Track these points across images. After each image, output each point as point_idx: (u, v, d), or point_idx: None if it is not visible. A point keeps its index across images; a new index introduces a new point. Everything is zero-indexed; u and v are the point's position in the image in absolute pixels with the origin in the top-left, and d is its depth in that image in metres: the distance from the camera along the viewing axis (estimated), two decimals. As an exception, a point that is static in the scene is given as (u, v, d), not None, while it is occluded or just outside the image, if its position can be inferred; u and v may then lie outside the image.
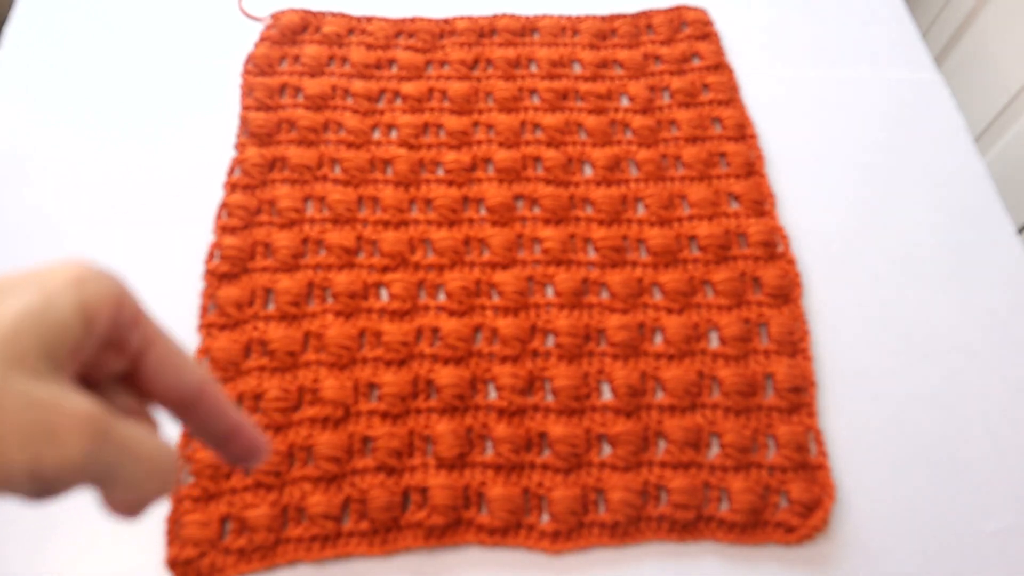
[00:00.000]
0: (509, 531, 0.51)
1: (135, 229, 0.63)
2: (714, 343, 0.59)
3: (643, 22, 0.79)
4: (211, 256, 0.61)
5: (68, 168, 0.66)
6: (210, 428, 0.28)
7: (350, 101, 0.71)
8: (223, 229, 0.62)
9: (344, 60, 0.74)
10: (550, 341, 0.58)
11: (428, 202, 0.65)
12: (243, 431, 0.29)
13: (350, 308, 0.59)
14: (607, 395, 0.57)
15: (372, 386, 0.56)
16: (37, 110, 0.70)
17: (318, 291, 0.60)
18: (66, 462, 0.21)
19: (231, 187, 0.64)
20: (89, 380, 0.25)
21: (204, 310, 0.58)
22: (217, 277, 0.60)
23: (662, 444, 0.55)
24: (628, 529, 0.51)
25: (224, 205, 0.63)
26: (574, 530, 0.51)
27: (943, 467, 0.55)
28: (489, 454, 0.54)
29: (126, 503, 0.24)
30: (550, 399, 0.56)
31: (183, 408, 0.27)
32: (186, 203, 0.64)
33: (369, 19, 0.77)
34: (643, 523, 0.52)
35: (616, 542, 0.51)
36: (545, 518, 0.52)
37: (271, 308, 0.59)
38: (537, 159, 0.68)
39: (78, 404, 0.22)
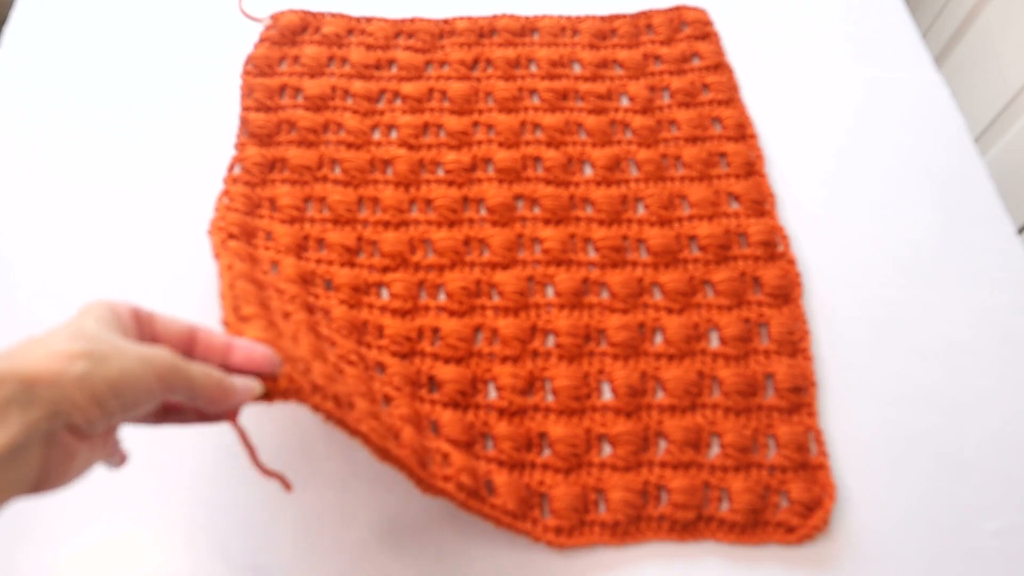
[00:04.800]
0: (517, 517, 0.51)
1: (135, 229, 0.63)
2: (714, 343, 0.59)
3: (643, 22, 0.79)
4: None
5: (68, 168, 0.66)
6: (211, 357, 0.37)
7: (350, 102, 0.71)
8: (227, 211, 0.62)
9: (344, 61, 0.74)
10: (550, 341, 0.58)
11: (428, 202, 0.65)
12: (237, 348, 0.38)
13: (352, 302, 0.59)
14: (607, 395, 0.57)
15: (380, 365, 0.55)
16: (37, 110, 0.70)
17: (320, 283, 0.59)
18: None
19: (232, 181, 0.64)
20: None
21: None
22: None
23: (662, 444, 0.55)
24: (628, 528, 0.51)
25: (225, 192, 0.63)
26: (576, 527, 0.51)
27: (943, 467, 0.55)
28: (491, 451, 0.53)
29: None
30: (550, 399, 0.56)
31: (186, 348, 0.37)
32: (186, 204, 0.64)
33: (369, 19, 0.77)
34: (643, 523, 0.52)
35: (617, 541, 0.51)
36: (547, 515, 0.52)
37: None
38: (537, 159, 0.68)
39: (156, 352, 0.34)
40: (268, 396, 0.39)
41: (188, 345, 0.37)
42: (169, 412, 0.39)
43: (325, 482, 0.53)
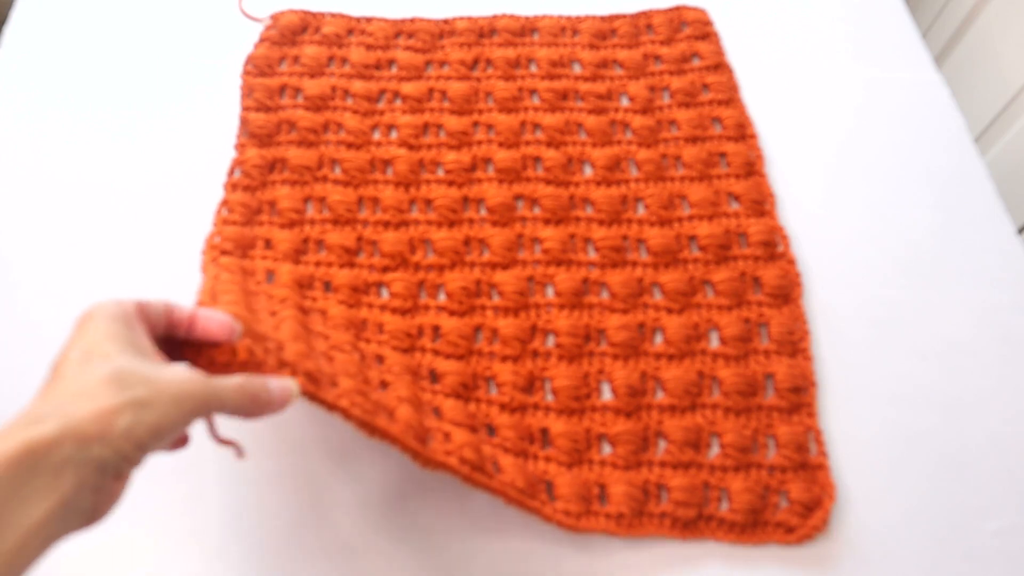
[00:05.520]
0: (526, 494, 0.50)
1: (135, 229, 0.63)
2: (714, 343, 0.59)
3: (643, 22, 0.79)
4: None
5: (68, 168, 0.66)
6: (178, 330, 0.39)
7: (350, 102, 0.71)
8: (224, 223, 0.62)
9: (344, 61, 0.74)
10: (550, 341, 0.58)
11: (428, 202, 0.65)
12: (198, 318, 0.39)
13: (351, 302, 0.59)
14: (607, 395, 0.57)
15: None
16: (37, 110, 0.70)
17: (319, 286, 0.59)
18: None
19: (231, 187, 0.64)
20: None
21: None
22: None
23: (662, 444, 0.55)
24: (632, 521, 0.51)
25: (224, 202, 0.63)
26: (583, 514, 0.51)
27: (943, 467, 0.55)
28: (494, 439, 0.53)
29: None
30: (550, 399, 0.56)
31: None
32: (186, 204, 0.64)
33: (369, 19, 0.77)
34: (645, 518, 0.52)
35: (622, 532, 0.51)
36: (554, 501, 0.51)
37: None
38: (537, 159, 0.68)
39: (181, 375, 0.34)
40: (227, 367, 0.39)
41: (168, 323, 0.38)
42: None
43: (324, 482, 0.53)
